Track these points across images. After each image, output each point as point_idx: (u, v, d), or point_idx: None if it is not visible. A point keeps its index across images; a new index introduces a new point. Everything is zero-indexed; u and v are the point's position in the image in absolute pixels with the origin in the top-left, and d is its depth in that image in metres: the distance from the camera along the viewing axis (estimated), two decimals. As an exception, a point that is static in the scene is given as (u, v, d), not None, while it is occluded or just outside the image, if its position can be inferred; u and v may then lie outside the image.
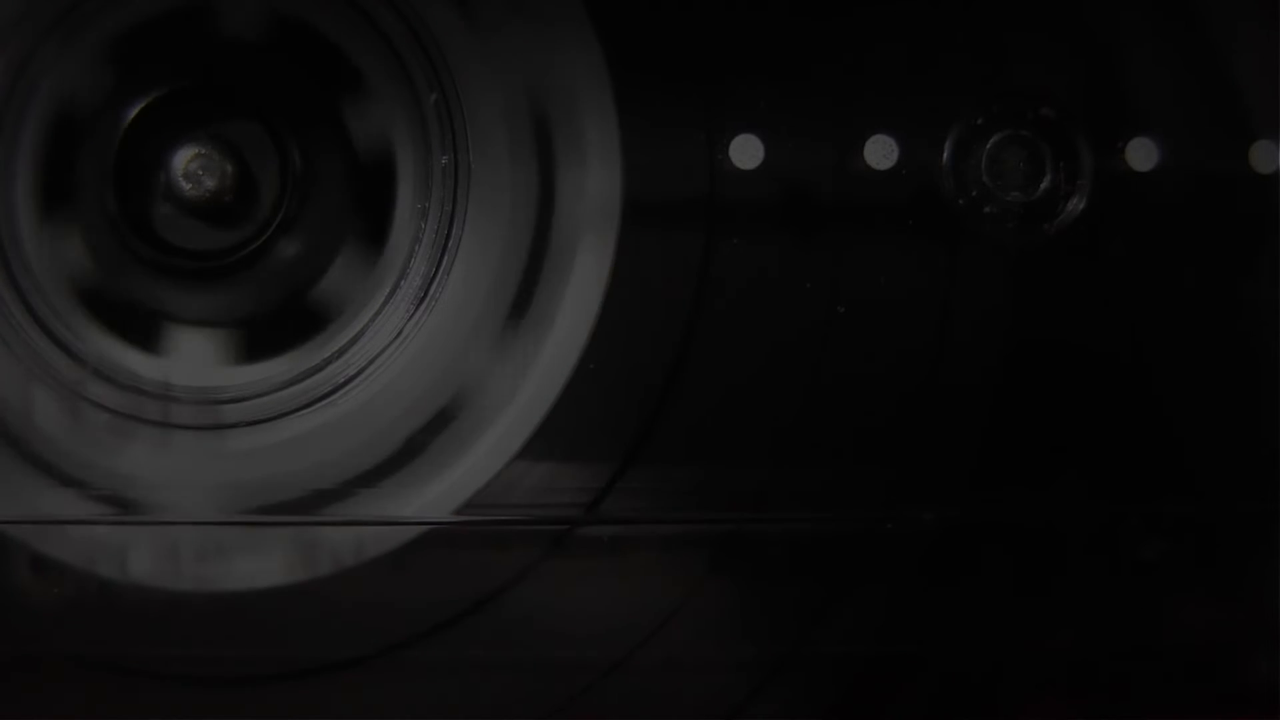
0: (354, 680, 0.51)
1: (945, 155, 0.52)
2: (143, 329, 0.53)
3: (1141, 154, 0.53)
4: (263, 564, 0.51)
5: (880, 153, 0.52)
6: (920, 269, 0.52)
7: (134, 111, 0.52)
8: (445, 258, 0.52)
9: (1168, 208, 0.53)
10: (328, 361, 0.53)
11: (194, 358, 0.53)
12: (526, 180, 0.52)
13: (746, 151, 0.52)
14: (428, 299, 0.52)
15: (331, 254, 0.53)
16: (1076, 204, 0.53)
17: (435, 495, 0.52)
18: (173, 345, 0.53)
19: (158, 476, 0.52)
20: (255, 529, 0.51)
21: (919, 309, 0.52)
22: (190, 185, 0.52)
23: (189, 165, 0.52)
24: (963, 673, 0.53)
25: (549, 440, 0.52)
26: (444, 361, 0.52)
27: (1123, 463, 0.53)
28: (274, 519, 0.51)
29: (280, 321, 0.53)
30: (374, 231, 0.53)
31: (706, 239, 0.52)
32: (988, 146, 0.52)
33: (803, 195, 0.52)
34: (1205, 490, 0.53)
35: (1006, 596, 0.53)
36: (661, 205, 0.52)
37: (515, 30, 0.52)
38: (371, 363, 0.53)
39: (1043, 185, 0.52)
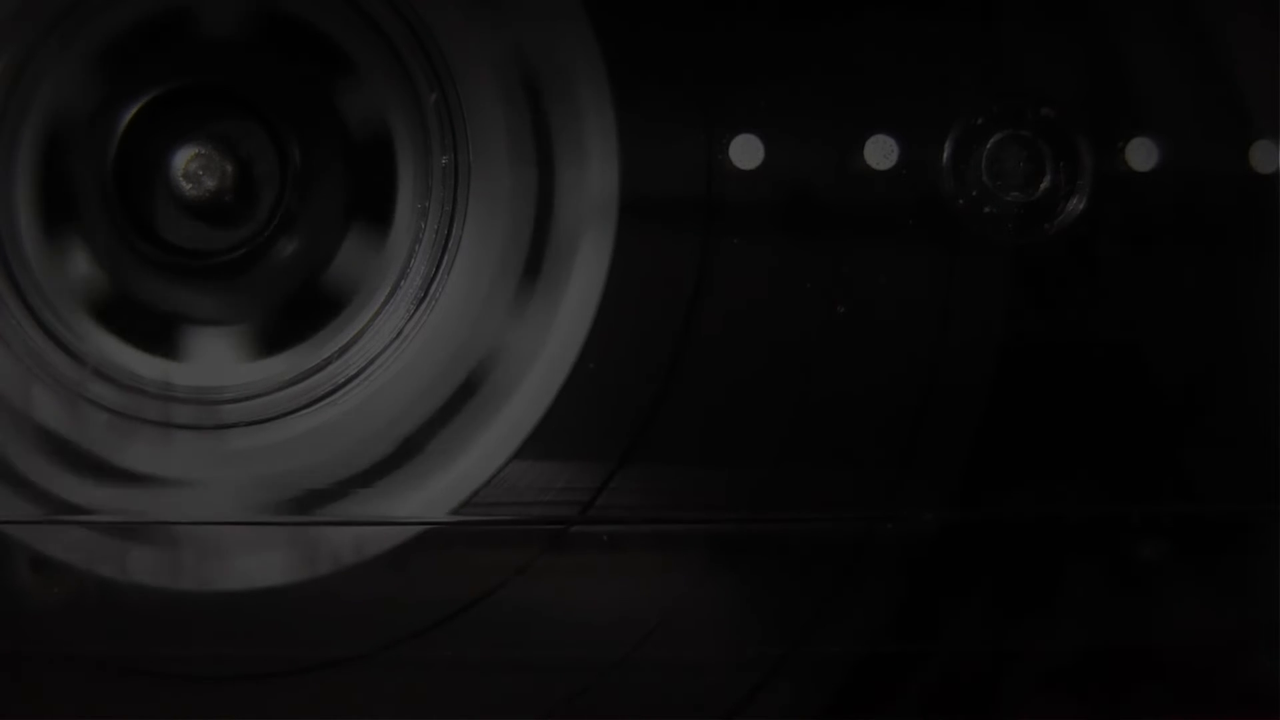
0: (353, 678, 0.51)
1: (945, 155, 0.52)
2: (143, 329, 0.53)
3: (1141, 154, 0.53)
4: (263, 564, 0.51)
5: (880, 153, 0.52)
6: (920, 269, 0.52)
7: (133, 112, 0.52)
8: (445, 258, 0.52)
9: (1168, 208, 0.53)
10: (328, 361, 0.53)
11: (194, 357, 0.53)
12: (526, 180, 0.52)
13: (746, 151, 0.52)
14: (428, 299, 0.53)
15: (331, 254, 0.53)
16: (1076, 204, 0.53)
17: (434, 495, 0.52)
18: (173, 345, 0.53)
19: (158, 476, 0.52)
20: (255, 529, 0.51)
21: (919, 309, 0.52)
22: (190, 185, 0.52)
23: (189, 165, 0.52)
24: (963, 672, 0.53)
25: (548, 439, 0.52)
26: (443, 361, 0.52)
27: (1122, 462, 0.53)
28: (274, 519, 0.51)
29: (281, 321, 0.53)
30: (374, 231, 0.53)
31: (706, 239, 0.52)
32: (988, 146, 0.52)
33: (803, 195, 0.52)
34: (1205, 490, 0.53)
35: (1006, 596, 0.53)
36: (661, 205, 0.52)
37: (515, 30, 0.52)
38: (371, 363, 0.53)
39: (1043, 185, 0.52)
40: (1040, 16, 0.53)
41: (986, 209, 0.52)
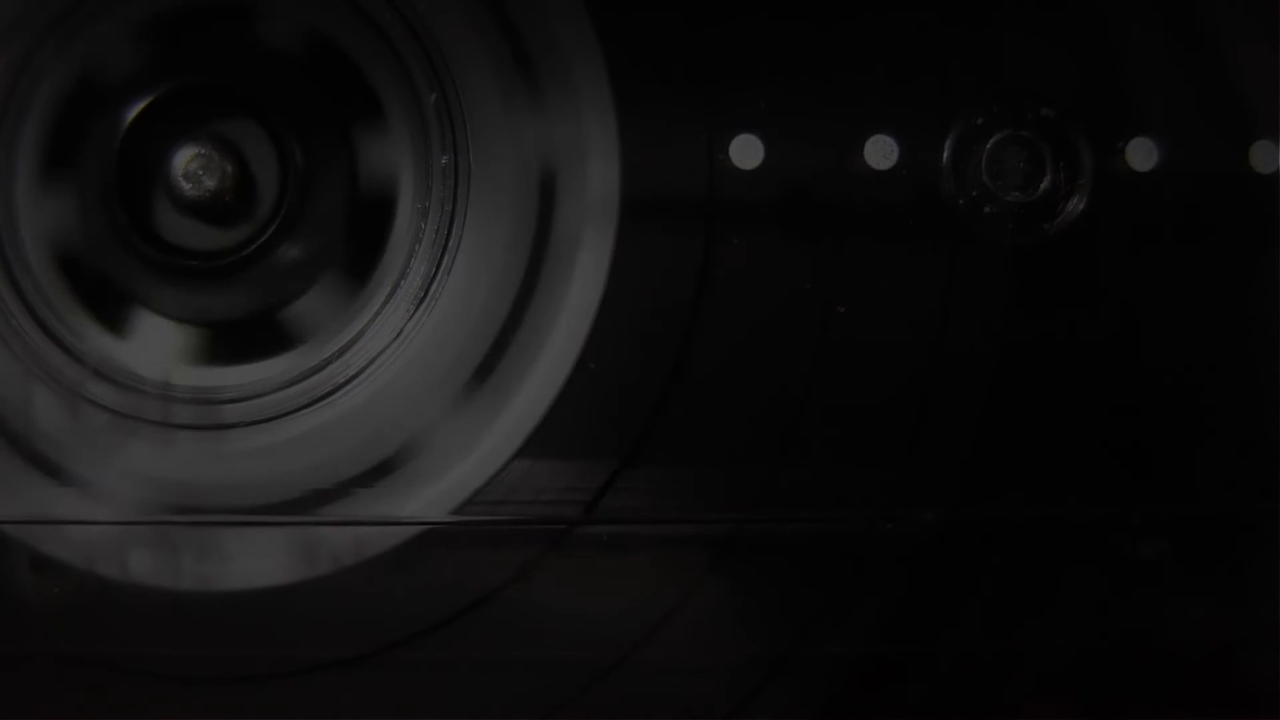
0: (353, 679, 0.51)
1: (945, 155, 0.52)
2: (143, 329, 0.53)
3: (1141, 154, 0.53)
4: (263, 564, 0.51)
5: (880, 153, 0.52)
6: (920, 269, 0.52)
7: (134, 111, 0.52)
8: (445, 258, 0.52)
9: (1168, 208, 0.53)
10: (328, 361, 0.53)
11: (194, 357, 0.53)
12: (526, 180, 0.52)
13: (746, 151, 0.52)
14: (428, 299, 0.53)
15: (331, 253, 0.53)
16: (1076, 204, 0.53)
17: (434, 495, 0.52)
18: (173, 345, 0.53)
19: (158, 476, 0.52)
20: (255, 529, 0.51)
21: (919, 309, 0.52)
22: (190, 185, 0.52)
23: (189, 165, 0.52)
24: (963, 672, 0.53)
25: (548, 440, 0.52)
26: (444, 361, 0.52)
27: (1122, 463, 0.53)
28: (274, 519, 0.51)
29: (281, 321, 0.53)
30: (374, 231, 0.53)
31: (706, 239, 0.52)
32: (988, 146, 0.52)
33: (803, 195, 0.52)
34: (1205, 490, 0.53)
35: (1006, 596, 0.53)
36: (661, 205, 0.52)
37: (515, 30, 0.52)
38: (372, 362, 0.53)
39: (1043, 185, 0.52)
40: (1040, 17, 0.53)
41: (986, 209, 0.52)
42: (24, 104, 0.52)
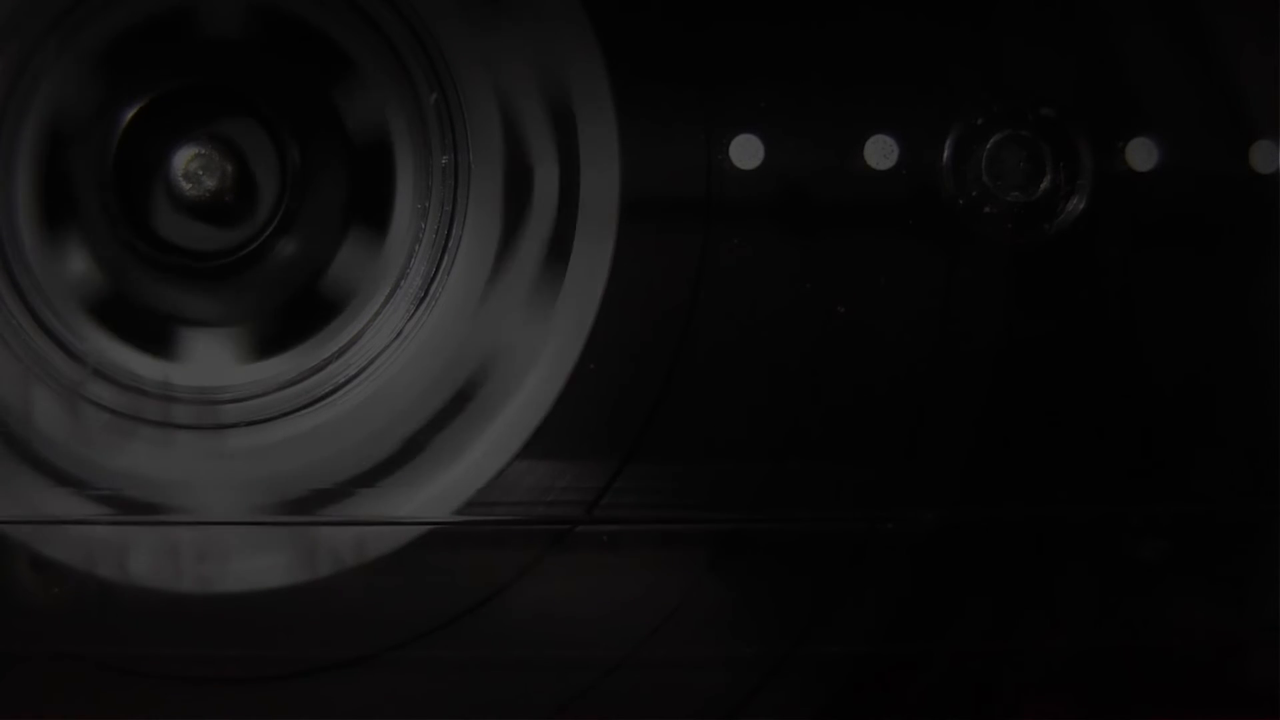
0: (354, 680, 0.51)
1: (945, 155, 0.52)
2: (142, 328, 0.53)
3: (1141, 154, 0.53)
4: (263, 564, 0.51)
5: (880, 153, 0.52)
6: (920, 269, 0.52)
7: (133, 112, 0.52)
8: (445, 258, 0.52)
9: (1168, 208, 0.53)
10: (328, 361, 0.53)
11: (194, 357, 0.53)
12: (526, 180, 0.52)
13: (746, 151, 0.52)
14: (428, 299, 0.53)
15: (332, 254, 0.53)
16: (1076, 204, 0.53)
17: (435, 495, 0.52)
18: (172, 345, 0.53)
19: (158, 477, 0.52)
20: (255, 529, 0.51)
21: (919, 309, 0.52)
22: (190, 185, 0.52)
23: (189, 165, 0.52)
24: (962, 672, 0.53)
25: (549, 439, 0.52)
26: (444, 361, 0.52)
27: (1122, 463, 0.53)
28: (274, 519, 0.51)
29: (281, 321, 0.53)
30: (374, 231, 0.53)
31: (706, 239, 0.52)
32: (988, 146, 0.52)
33: (803, 195, 0.52)
34: (1205, 490, 0.53)
35: (1006, 596, 0.53)
36: (661, 205, 0.52)
37: (515, 30, 0.52)
38: (372, 362, 0.53)
39: (1043, 185, 0.52)
40: (1040, 17, 0.53)
41: (986, 209, 0.53)
42: (24, 104, 0.52)
